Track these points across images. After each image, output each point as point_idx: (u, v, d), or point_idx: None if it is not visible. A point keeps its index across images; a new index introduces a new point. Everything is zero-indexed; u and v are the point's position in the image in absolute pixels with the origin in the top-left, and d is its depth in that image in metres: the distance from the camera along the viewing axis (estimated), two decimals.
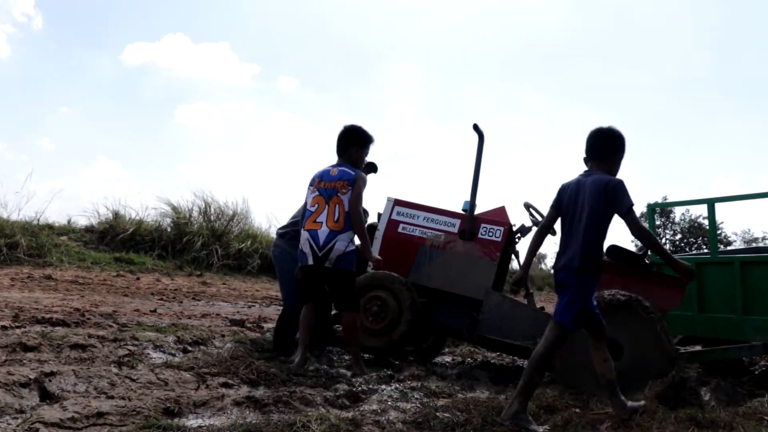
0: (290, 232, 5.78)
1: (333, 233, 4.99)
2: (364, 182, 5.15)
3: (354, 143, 5.32)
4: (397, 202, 6.27)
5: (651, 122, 52.85)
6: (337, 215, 5.03)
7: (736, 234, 29.02)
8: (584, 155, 4.08)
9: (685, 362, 5.57)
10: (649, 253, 5.69)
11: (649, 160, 50.06)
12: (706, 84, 53.23)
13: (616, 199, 3.74)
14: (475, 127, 6.03)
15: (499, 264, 5.93)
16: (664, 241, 30.77)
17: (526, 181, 47.78)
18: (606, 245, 4.96)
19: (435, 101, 55.65)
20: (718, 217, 29.11)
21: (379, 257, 5.24)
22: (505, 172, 46.12)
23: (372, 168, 6.08)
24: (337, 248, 4.98)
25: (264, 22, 49.14)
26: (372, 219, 6.52)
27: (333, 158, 5.39)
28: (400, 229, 6.14)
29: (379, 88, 53.21)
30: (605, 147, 3.99)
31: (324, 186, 5.13)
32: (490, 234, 5.92)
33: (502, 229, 5.93)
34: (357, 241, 5.27)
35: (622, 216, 3.76)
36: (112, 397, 3.54)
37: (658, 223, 30.92)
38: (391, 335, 5.71)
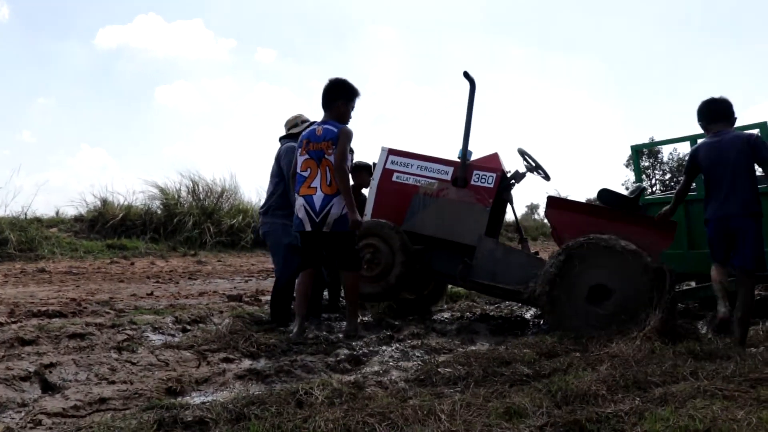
0: (272, 204, 5.82)
1: (328, 197, 5.00)
2: (347, 137, 5.08)
3: (340, 96, 5.24)
4: (392, 152, 6.29)
5: (635, 65, 52.64)
6: (329, 178, 5.02)
7: None
8: (701, 122, 4.93)
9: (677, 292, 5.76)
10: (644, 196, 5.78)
11: (636, 103, 50.02)
12: (687, 23, 52.88)
13: (759, 151, 4.55)
14: (466, 75, 5.96)
15: (492, 210, 5.95)
16: (653, 181, 30.85)
17: (517, 130, 47.62)
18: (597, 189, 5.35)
19: (416, 62, 55.37)
20: None
21: (359, 219, 5.15)
22: (495, 123, 46.06)
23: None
24: (333, 212, 4.99)
25: None
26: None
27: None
28: (394, 178, 6.17)
29: (359, 52, 52.87)
30: (726, 111, 4.83)
31: (312, 148, 5.09)
32: (483, 180, 5.93)
33: (494, 175, 5.93)
34: None
35: (762, 164, 4.61)
36: (113, 383, 3.55)
37: (646, 164, 30.99)
38: (388, 279, 5.82)
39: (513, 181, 6.33)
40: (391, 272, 5.80)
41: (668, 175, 31.00)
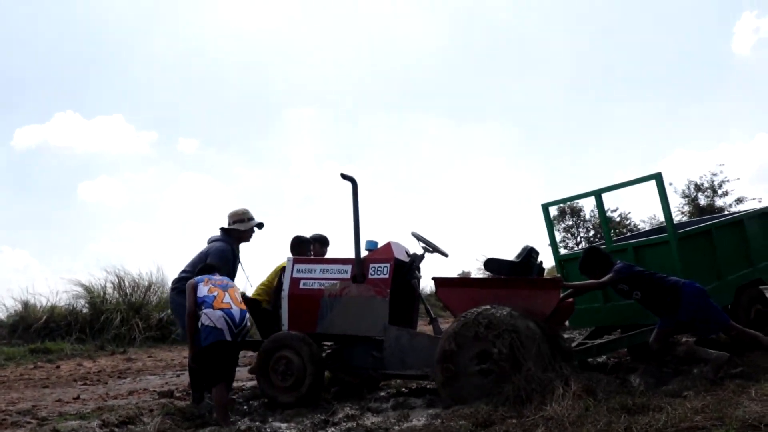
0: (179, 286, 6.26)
1: (243, 312, 5.44)
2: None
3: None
4: (296, 260, 6.59)
5: (550, 125, 54.21)
6: (239, 298, 5.54)
7: (644, 221, 30.14)
8: None
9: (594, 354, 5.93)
10: (534, 255, 5.89)
11: (552, 162, 51.54)
12: (593, 81, 55.02)
13: None
14: (344, 176, 6.24)
15: (397, 298, 6.20)
16: (579, 239, 31.67)
17: (438, 203, 48.24)
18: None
19: (338, 141, 55.61)
20: (627, 208, 30.23)
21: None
22: (415, 197, 46.70)
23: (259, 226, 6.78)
24: (247, 326, 5.48)
25: (155, 88, 48.16)
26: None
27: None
28: (301, 285, 6.41)
29: (280, 136, 52.81)
30: None
31: (216, 283, 5.56)
32: (378, 272, 6.16)
33: (387, 265, 6.16)
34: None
35: None
36: None
37: (570, 223, 31.86)
38: (300, 389, 5.93)
39: (414, 262, 6.51)
40: (303, 383, 5.93)
41: (592, 232, 31.89)
